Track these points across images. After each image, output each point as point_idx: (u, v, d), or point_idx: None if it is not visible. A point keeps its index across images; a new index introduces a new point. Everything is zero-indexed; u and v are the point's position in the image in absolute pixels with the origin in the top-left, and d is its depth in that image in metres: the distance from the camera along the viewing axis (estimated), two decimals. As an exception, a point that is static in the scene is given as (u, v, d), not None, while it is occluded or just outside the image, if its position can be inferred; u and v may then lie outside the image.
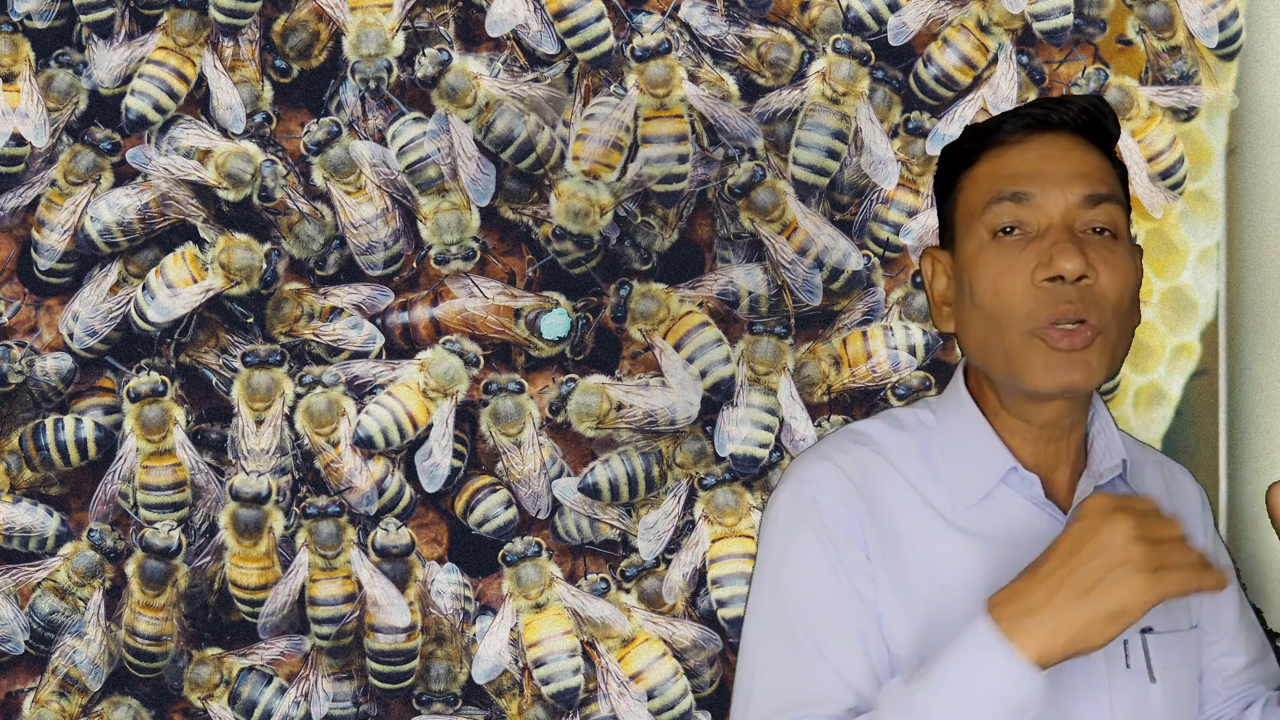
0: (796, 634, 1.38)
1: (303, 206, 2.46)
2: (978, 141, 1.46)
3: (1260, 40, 2.69)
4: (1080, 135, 1.44)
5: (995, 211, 1.41)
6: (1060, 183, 1.41)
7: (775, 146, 2.52)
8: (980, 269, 1.41)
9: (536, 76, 2.49)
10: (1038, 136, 1.43)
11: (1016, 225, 1.40)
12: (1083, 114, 1.44)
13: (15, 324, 2.49)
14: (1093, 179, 1.41)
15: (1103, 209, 1.41)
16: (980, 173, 1.44)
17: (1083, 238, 1.40)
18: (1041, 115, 1.44)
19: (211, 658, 2.47)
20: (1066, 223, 1.39)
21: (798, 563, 1.40)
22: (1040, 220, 1.40)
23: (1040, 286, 1.37)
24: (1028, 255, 1.39)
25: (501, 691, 2.49)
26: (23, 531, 2.45)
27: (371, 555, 2.45)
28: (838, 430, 1.51)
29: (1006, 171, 1.42)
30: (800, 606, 1.39)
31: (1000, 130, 1.45)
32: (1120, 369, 1.49)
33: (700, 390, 2.47)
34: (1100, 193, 1.41)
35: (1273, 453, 2.71)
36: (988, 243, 1.41)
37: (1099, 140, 1.45)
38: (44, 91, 2.45)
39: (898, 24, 2.52)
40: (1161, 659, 1.43)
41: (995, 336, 1.40)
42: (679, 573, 2.49)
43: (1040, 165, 1.42)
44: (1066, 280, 1.37)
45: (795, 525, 1.41)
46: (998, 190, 1.42)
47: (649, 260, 2.52)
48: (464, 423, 2.50)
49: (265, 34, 2.49)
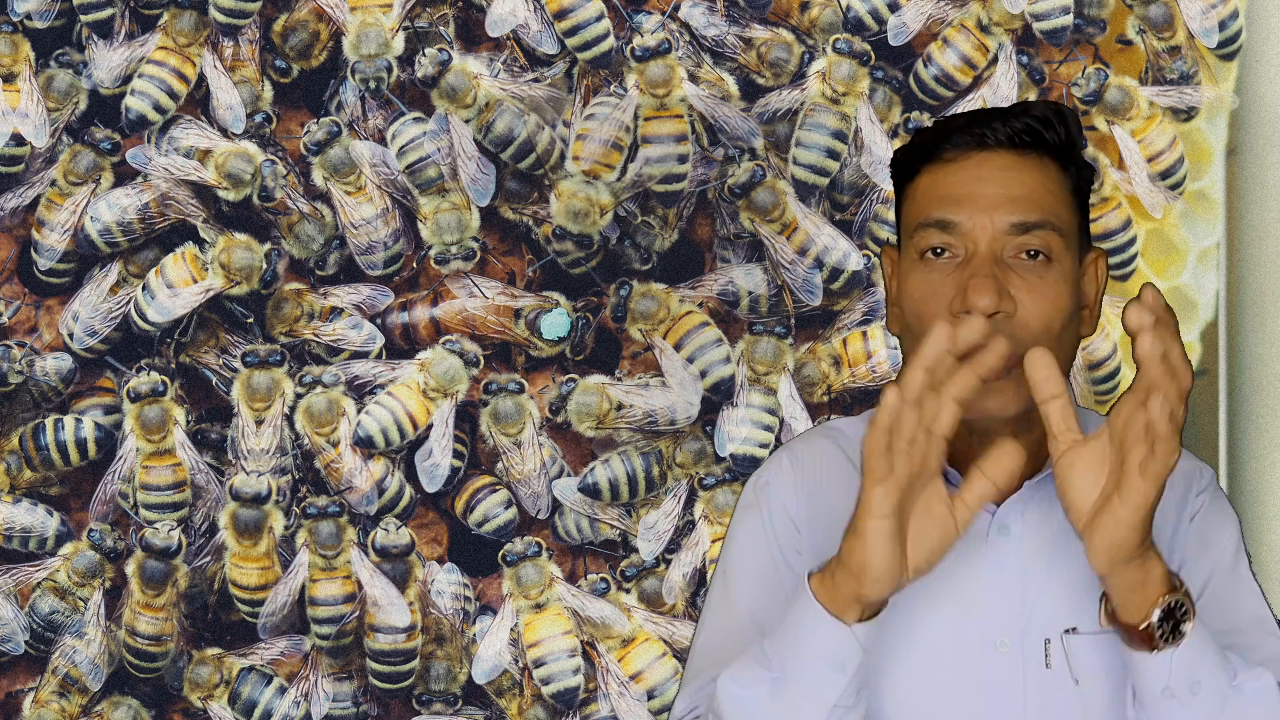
0: (735, 605, 1.48)
1: (303, 206, 2.46)
2: (920, 152, 1.45)
3: (1260, 40, 2.69)
4: (1020, 152, 1.42)
5: (924, 234, 1.41)
6: (987, 209, 1.39)
7: (775, 146, 2.52)
8: (908, 289, 1.43)
9: (536, 76, 2.49)
10: (974, 155, 1.42)
11: (944, 247, 1.40)
12: (1024, 132, 1.42)
13: (15, 324, 2.49)
14: (1024, 204, 1.40)
15: (1034, 235, 1.39)
16: (918, 188, 1.44)
17: (1011, 263, 1.39)
18: (979, 134, 1.42)
19: (211, 658, 2.47)
20: (992, 251, 1.39)
21: (743, 541, 1.50)
22: (967, 246, 1.40)
23: (957, 316, 1.37)
24: (949, 283, 1.39)
25: (501, 691, 2.49)
26: (23, 531, 2.45)
27: (371, 555, 2.45)
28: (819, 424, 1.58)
29: (937, 193, 1.42)
30: (740, 582, 1.48)
31: (940, 145, 1.43)
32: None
33: (700, 390, 2.47)
34: (1030, 220, 1.39)
35: (1273, 453, 2.72)
36: (916, 263, 1.42)
37: (1048, 152, 1.42)
38: (44, 91, 2.45)
39: (898, 24, 2.52)
40: (1088, 660, 1.42)
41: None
42: (679, 573, 2.49)
43: (970, 189, 1.41)
44: (979, 314, 1.36)
45: (746, 510, 1.52)
46: (926, 214, 1.42)
47: (649, 260, 2.52)
48: (464, 423, 2.50)
49: (265, 34, 2.49)
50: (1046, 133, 1.42)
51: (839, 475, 1.49)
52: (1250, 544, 1.60)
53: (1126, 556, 1.31)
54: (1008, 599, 1.43)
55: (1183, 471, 1.52)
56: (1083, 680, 1.42)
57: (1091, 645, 1.42)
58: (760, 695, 1.36)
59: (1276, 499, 2.71)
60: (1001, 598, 1.43)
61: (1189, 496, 1.51)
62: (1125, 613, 1.34)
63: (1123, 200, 2.57)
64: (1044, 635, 1.42)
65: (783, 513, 1.50)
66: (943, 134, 1.44)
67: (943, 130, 1.45)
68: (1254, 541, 2.70)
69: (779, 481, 1.51)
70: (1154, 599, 1.32)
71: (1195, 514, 1.51)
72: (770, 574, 1.49)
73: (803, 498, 1.50)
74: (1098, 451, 1.32)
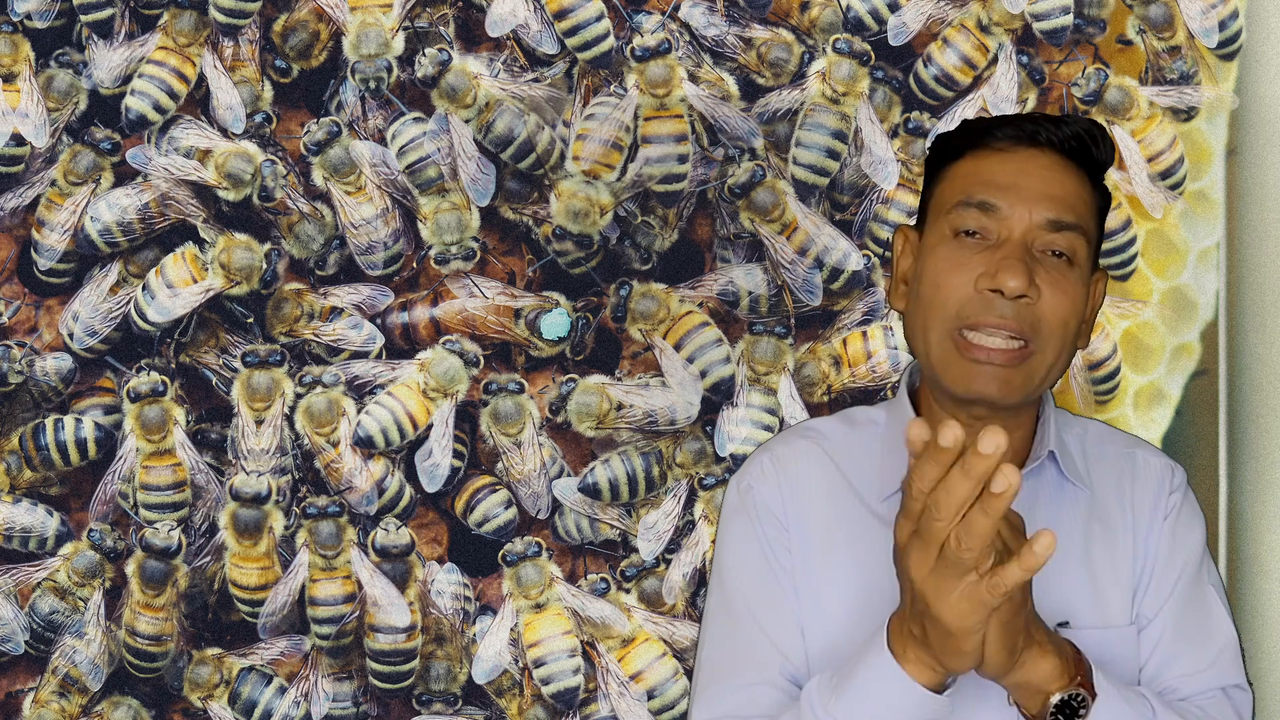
0: (737, 612, 1.50)
1: (303, 206, 2.46)
2: (967, 139, 1.49)
3: (1260, 40, 2.69)
4: (1066, 157, 1.47)
5: (961, 213, 1.45)
6: (1029, 201, 1.44)
7: (775, 146, 2.52)
8: (933, 261, 1.45)
9: (536, 76, 2.49)
10: (1023, 150, 1.46)
11: (979, 230, 1.44)
12: (1073, 138, 1.47)
13: (15, 324, 2.49)
14: (1062, 204, 1.44)
15: (1064, 235, 1.44)
16: (960, 170, 1.48)
17: (1038, 257, 1.43)
18: (1031, 130, 1.47)
19: (211, 658, 2.47)
20: (1025, 240, 1.43)
21: (735, 547, 1.52)
22: (1001, 232, 1.44)
23: (980, 293, 1.42)
24: (978, 261, 1.43)
25: (501, 691, 2.50)
26: (23, 531, 2.45)
27: (371, 555, 2.45)
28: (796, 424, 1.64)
29: (982, 177, 1.46)
30: (738, 586, 1.50)
31: (990, 134, 1.48)
32: (1048, 389, 1.51)
33: (700, 390, 2.47)
34: (1065, 220, 1.44)
35: (1273, 453, 2.72)
36: (948, 239, 1.45)
37: (1086, 166, 1.48)
38: (44, 91, 2.45)
39: (898, 24, 2.52)
40: None
41: (925, 327, 1.46)
42: (679, 573, 2.49)
43: (1015, 179, 1.45)
44: (1006, 296, 1.41)
45: (733, 514, 1.54)
46: (969, 193, 1.45)
47: (649, 260, 2.52)
48: (464, 423, 2.50)
49: (265, 34, 2.49)
50: (1092, 148, 1.48)
51: (820, 474, 1.52)
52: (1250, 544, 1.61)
53: (1002, 670, 1.33)
54: None
55: (1155, 469, 1.55)
56: None
57: (1083, 640, 1.43)
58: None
59: (1276, 499, 2.71)
60: None
61: (1162, 496, 1.54)
62: (1024, 705, 1.37)
63: (1123, 200, 2.57)
64: None
65: (769, 514, 1.52)
66: (995, 124, 1.49)
67: (995, 121, 1.50)
68: (1254, 541, 2.70)
69: (762, 484, 1.53)
70: (1045, 697, 1.36)
71: (1169, 514, 1.53)
72: (766, 576, 1.50)
73: (787, 498, 1.52)
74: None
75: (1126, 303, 2.61)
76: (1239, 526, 2.71)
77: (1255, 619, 2.74)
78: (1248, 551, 2.70)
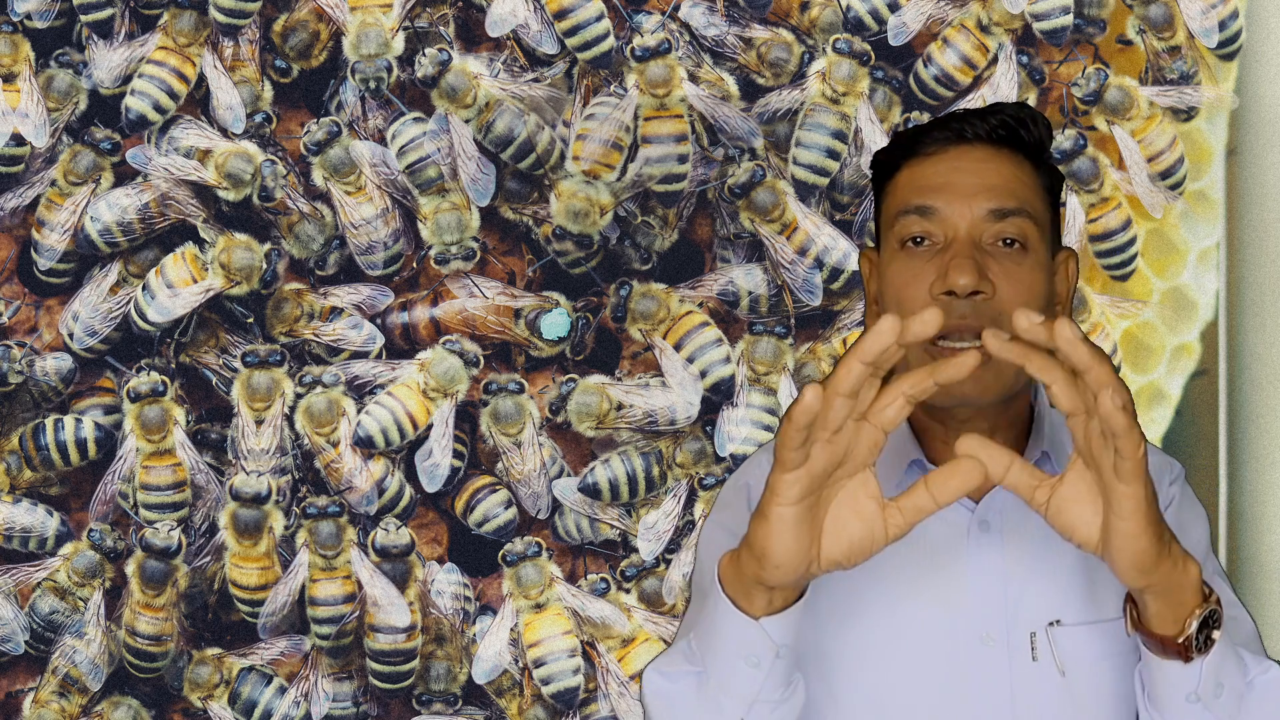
0: (704, 588, 1.47)
1: (303, 206, 2.46)
2: (900, 150, 1.50)
3: (1260, 40, 2.69)
4: (998, 146, 1.46)
5: (904, 222, 1.45)
6: (966, 196, 1.43)
7: (775, 146, 2.52)
8: (889, 278, 1.45)
9: (536, 76, 2.49)
10: (953, 148, 1.46)
11: (924, 235, 1.44)
12: (1001, 126, 1.47)
13: (15, 324, 2.49)
14: (1001, 192, 1.44)
15: (1011, 222, 1.43)
16: (899, 182, 1.48)
17: (989, 250, 1.43)
18: (958, 128, 1.47)
19: (211, 658, 2.47)
20: (971, 236, 1.43)
21: (714, 534, 1.51)
22: (946, 233, 1.43)
23: (937, 299, 1.40)
24: (930, 269, 1.42)
25: (501, 691, 2.50)
26: (23, 531, 2.45)
27: (371, 555, 2.45)
28: None
29: (918, 183, 1.46)
30: (711, 569, 1.48)
31: (920, 140, 1.48)
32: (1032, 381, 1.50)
33: (700, 390, 2.47)
34: (1007, 206, 1.43)
35: (1273, 453, 2.72)
36: (897, 252, 1.45)
37: (1022, 149, 1.47)
38: (44, 91, 2.45)
39: (898, 24, 2.52)
40: (1075, 652, 1.43)
41: (898, 345, 1.42)
42: (679, 573, 2.49)
43: (948, 178, 1.45)
44: (960, 295, 1.40)
45: (723, 504, 1.54)
46: (907, 202, 1.45)
47: (649, 260, 2.52)
48: (464, 423, 2.50)
49: (265, 34, 2.49)
50: (1021, 131, 1.47)
51: None
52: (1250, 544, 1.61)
53: (1151, 564, 1.27)
54: (991, 594, 1.44)
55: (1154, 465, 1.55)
56: (1069, 671, 1.43)
57: (1076, 636, 1.43)
58: (685, 689, 1.37)
59: (1276, 499, 2.71)
60: (984, 592, 1.44)
61: (1162, 487, 1.53)
62: (1159, 624, 1.31)
63: (1123, 200, 2.57)
64: (1029, 629, 1.43)
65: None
66: (921, 132, 1.49)
67: (921, 129, 1.50)
68: (1254, 541, 2.70)
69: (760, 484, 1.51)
70: (1189, 610, 1.30)
71: (1169, 505, 1.52)
72: None
73: None
74: (1078, 481, 1.28)
75: (1126, 303, 2.61)
76: (1239, 526, 2.71)
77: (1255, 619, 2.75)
78: (1248, 551, 2.70)
